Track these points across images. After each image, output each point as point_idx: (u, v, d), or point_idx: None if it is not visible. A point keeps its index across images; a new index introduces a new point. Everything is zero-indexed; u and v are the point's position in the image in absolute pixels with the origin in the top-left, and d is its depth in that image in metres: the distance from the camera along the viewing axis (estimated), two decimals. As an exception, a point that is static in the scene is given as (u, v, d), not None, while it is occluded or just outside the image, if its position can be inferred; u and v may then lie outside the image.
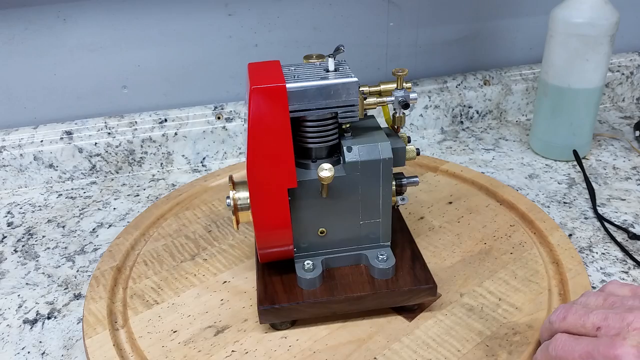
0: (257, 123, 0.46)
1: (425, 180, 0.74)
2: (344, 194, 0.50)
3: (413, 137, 0.89)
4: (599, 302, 0.42)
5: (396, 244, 0.56)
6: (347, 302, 0.51)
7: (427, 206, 0.69)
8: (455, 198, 0.70)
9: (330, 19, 0.85)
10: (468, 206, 0.68)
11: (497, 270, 0.58)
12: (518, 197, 0.69)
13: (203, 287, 0.58)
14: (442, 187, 0.73)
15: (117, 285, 0.58)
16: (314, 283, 0.52)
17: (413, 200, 0.70)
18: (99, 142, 0.80)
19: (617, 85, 0.98)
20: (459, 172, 0.75)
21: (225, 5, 0.81)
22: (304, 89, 0.47)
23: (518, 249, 0.60)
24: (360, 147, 0.50)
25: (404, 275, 0.52)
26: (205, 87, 0.85)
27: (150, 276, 0.59)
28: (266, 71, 0.49)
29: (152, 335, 0.52)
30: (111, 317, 0.54)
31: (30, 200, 0.77)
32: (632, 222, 0.66)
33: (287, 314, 0.51)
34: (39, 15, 0.76)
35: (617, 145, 0.84)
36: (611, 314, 0.39)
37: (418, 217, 0.67)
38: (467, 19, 0.91)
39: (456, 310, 0.53)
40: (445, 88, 0.90)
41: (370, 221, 0.52)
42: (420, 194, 0.71)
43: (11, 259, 0.65)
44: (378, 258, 0.53)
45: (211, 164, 0.84)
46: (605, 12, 0.71)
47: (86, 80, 0.81)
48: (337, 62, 0.51)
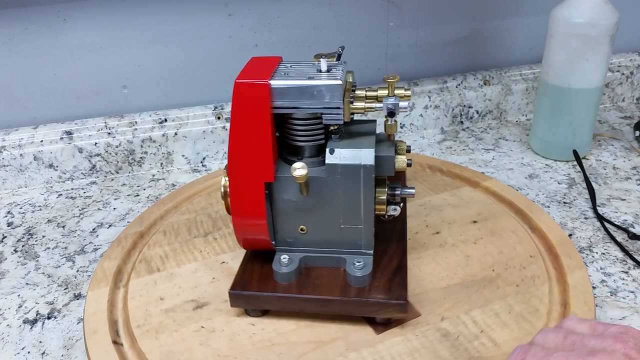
0: (238, 116, 0.48)
1: (459, 194, 0.71)
2: (325, 195, 0.50)
3: (413, 137, 0.89)
4: (558, 340, 0.39)
5: (385, 253, 0.55)
6: (314, 303, 0.51)
7: (449, 222, 0.65)
8: (482, 218, 0.66)
9: (330, 19, 0.85)
10: (493, 228, 0.64)
11: (493, 300, 0.53)
12: (552, 227, 0.63)
13: (203, 263, 0.61)
14: (473, 204, 0.69)
15: (135, 248, 0.64)
16: (287, 277, 0.52)
17: (436, 214, 0.67)
18: (99, 142, 0.80)
19: (617, 85, 0.98)
20: (499, 191, 0.70)
21: (225, 5, 0.81)
22: (287, 87, 0.47)
23: (527, 283, 0.55)
24: (343, 150, 0.49)
25: (379, 286, 0.51)
26: (205, 87, 0.85)
27: (163, 245, 0.64)
28: (259, 66, 0.50)
29: (142, 299, 0.56)
30: (118, 276, 0.59)
31: (30, 200, 0.77)
32: (632, 222, 0.66)
33: (255, 303, 0.52)
34: (39, 15, 0.76)
35: (617, 145, 0.84)
36: (573, 357, 0.36)
37: (434, 232, 0.64)
38: (467, 19, 0.91)
39: (430, 334, 0.50)
40: (445, 88, 0.90)
41: (352, 227, 0.52)
42: (447, 208, 0.68)
43: (11, 259, 0.65)
44: (355, 265, 0.52)
45: (211, 164, 0.84)
46: (605, 12, 0.71)
47: (86, 80, 0.81)
48: (335, 63, 0.50)
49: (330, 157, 0.49)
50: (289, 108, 0.48)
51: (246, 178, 0.49)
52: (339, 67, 0.50)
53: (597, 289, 0.56)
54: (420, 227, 0.65)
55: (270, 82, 0.47)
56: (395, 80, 0.49)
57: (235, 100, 0.47)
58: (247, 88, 0.47)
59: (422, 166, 0.78)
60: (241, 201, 0.50)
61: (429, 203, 0.69)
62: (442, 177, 0.75)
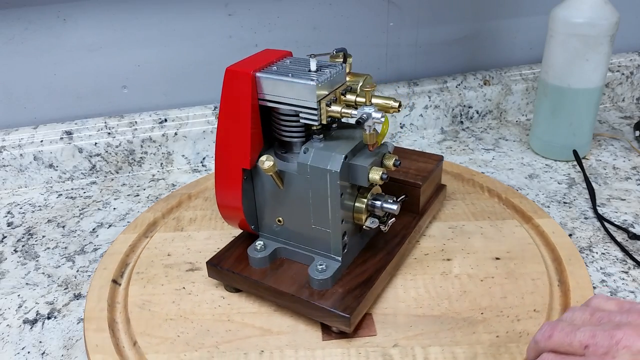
0: (225, 102, 0.50)
1: (500, 227, 0.64)
2: (298, 192, 0.51)
3: (413, 137, 0.89)
4: (585, 317, 0.40)
5: (364, 264, 0.54)
6: (271, 293, 0.52)
7: (468, 251, 0.60)
8: (509, 256, 0.59)
9: (330, 19, 0.85)
10: (513, 270, 0.57)
11: (460, 343, 0.49)
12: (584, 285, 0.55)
13: (218, 233, 0.65)
14: (509, 240, 0.62)
15: (179, 207, 0.71)
16: (259, 263, 0.54)
17: (461, 240, 0.62)
18: (99, 142, 0.80)
19: (617, 85, 0.98)
20: (548, 232, 0.62)
21: (225, 5, 0.81)
22: (268, 79, 0.48)
23: (510, 337, 0.49)
24: (316, 151, 0.49)
25: (334, 293, 0.50)
26: (205, 87, 0.85)
27: (198, 209, 0.70)
28: (261, 57, 0.51)
29: (155, 251, 0.63)
30: (152, 226, 0.67)
31: (30, 200, 0.77)
32: (632, 222, 0.66)
33: (226, 279, 0.55)
34: (39, 15, 0.76)
35: (617, 145, 0.84)
36: (599, 331, 0.37)
37: (445, 258, 0.59)
38: (467, 19, 0.91)
39: (373, 356, 0.48)
40: (445, 88, 0.90)
41: (321, 228, 0.52)
42: (476, 237, 0.62)
43: (11, 259, 0.65)
44: (317, 267, 0.52)
45: (211, 164, 0.84)
46: (605, 12, 0.71)
47: (86, 80, 0.81)
48: (329, 64, 0.50)
49: (303, 156, 0.50)
50: (272, 102, 0.50)
51: (227, 162, 0.52)
52: (330, 69, 0.49)
53: (597, 289, 0.56)
54: (434, 249, 0.61)
55: (256, 74, 0.49)
56: (371, 89, 0.48)
57: (224, 86, 0.50)
58: (233, 76, 0.49)
59: (481, 188, 0.72)
60: (222, 184, 0.53)
61: (461, 228, 0.64)
62: (495, 203, 0.69)
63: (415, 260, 0.59)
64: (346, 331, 0.49)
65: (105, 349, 0.50)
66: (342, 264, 0.53)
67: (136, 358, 0.50)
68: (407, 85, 0.90)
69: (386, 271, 0.54)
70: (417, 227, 0.60)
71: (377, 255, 0.55)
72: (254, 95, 0.49)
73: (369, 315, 0.52)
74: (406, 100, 0.88)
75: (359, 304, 0.49)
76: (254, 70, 0.49)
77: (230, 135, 0.51)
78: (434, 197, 0.64)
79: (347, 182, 0.50)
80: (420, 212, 0.61)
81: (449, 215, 0.66)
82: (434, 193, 0.65)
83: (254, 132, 0.50)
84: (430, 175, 0.62)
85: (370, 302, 0.52)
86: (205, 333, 0.51)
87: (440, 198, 0.66)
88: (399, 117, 0.89)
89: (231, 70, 0.49)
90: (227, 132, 0.51)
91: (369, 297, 0.51)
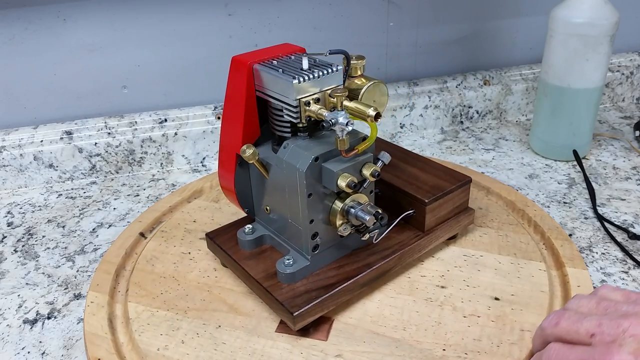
0: (228, 89, 0.53)
1: (522, 267, 0.57)
2: (279, 184, 0.52)
3: (413, 137, 0.89)
4: (591, 306, 0.40)
5: (340, 268, 0.53)
6: (243, 274, 0.55)
7: (470, 284, 0.56)
8: (510, 300, 0.53)
9: (330, 19, 0.85)
10: (506, 316, 0.52)
11: None
12: None
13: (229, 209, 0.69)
14: (522, 282, 0.55)
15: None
16: (244, 245, 0.57)
17: (469, 272, 0.57)
18: (99, 142, 0.80)
19: (617, 85, 0.98)
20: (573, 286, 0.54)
21: (225, 5, 0.81)
22: (261, 71, 0.50)
23: None
24: (294, 148, 0.50)
25: (292, 290, 0.51)
26: (205, 87, 0.85)
27: None
28: (270, 50, 0.53)
29: (185, 216, 0.69)
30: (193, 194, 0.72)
31: (30, 200, 0.77)
32: (632, 222, 0.66)
33: (216, 252, 0.59)
34: (39, 15, 0.76)
35: (617, 145, 0.84)
36: (606, 320, 0.37)
37: (441, 285, 0.56)
38: (467, 19, 0.91)
39: (313, 359, 0.48)
40: (445, 88, 0.90)
41: (295, 225, 0.52)
42: (488, 272, 0.57)
43: (11, 259, 0.65)
44: (285, 260, 0.52)
45: (211, 164, 0.84)
46: (605, 12, 0.71)
47: (86, 80, 0.81)
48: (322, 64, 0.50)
49: (282, 150, 0.50)
50: (264, 94, 0.51)
51: (225, 146, 0.55)
52: (321, 70, 0.49)
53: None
54: (435, 273, 0.57)
55: (254, 65, 0.50)
56: (341, 95, 0.47)
57: (229, 74, 0.52)
58: (235, 65, 0.51)
59: (528, 221, 0.65)
60: (221, 166, 0.57)
61: (477, 258, 0.59)
62: (532, 240, 0.61)
63: (408, 280, 0.56)
64: (291, 328, 0.49)
65: (102, 288, 0.56)
66: (312, 263, 0.53)
67: (121, 303, 0.55)
68: (407, 85, 0.90)
69: (357, 282, 0.52)
70: (417, 245, 0.57)
71: (355, 264, 0.54)
72: (250, 85, 0.51)
73: (329, 320, 0.52)
74: (406, 100, 0.88)
75: (309, 305, 0.49)
76: (254, 61, 0.50)
77: (229, 121, 0.53)
78: (451, 219, 0.59)
79: (319, 183, 0.50)
80: (426, 231, 0.58)
81: (471, 242, 0.61)
82: (451, 214, 0.60)
83: (248, 120, 0.52)
84: (445, 194, 0.57)
85: (327, 307, 0.51)
86: (184, 297, 0.56)
87: (463, 221, 0.61)
88: (399, 117, 0.89)
89: (234, 59, 0.51)
90: (227, 119, 0.54)
91: (325, 302, 0.50)
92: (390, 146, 0.68)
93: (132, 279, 0.58)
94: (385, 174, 0.61)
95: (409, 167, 0.63)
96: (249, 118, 0.52)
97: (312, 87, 0.48)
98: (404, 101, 0.88)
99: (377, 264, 0.54)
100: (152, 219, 0.67)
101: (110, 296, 0.56)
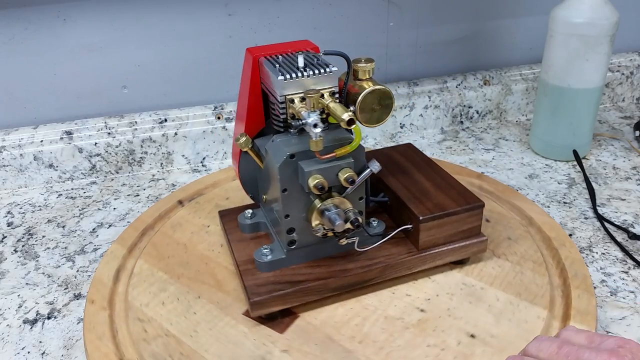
0: (241, 78, 0.55)
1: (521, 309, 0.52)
2: (269, 174, 0.53)
3: (413, 137, 0.89)
4: (552, 351, 0.38)
5: (315, 268, 0.54)
6: (231, 255, 0.58)
7: (451, 314, 0.52)
8: (486, 341, 0.50)
9: (330, 19, 0.85)
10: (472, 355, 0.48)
11: None
12: None
13: None
14: (511, 326, 0.51)
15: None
16: (242, 228, 0.59)
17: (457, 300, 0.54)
18: (99, 142, 0.80)
19: (617, 85, 0.98)
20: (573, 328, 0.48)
21: (225, 5, 0.81)
22: (262, 65, 0.51)
23: None
24: (279, 142, 0.51)
25: (262, 278, 0.53)
26: (205, 87, 0.85)
27: None
28: (284, 45, 0.55)
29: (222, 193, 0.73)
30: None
31: (30, 200, 0.77)
32: (632, 222, 0.66)
33: (222, 230, 0.62)
34: (39, 15, 0.76)
35: (617, 145, 0.84)
36: None
37: (420, 307, 0.53)
38: (467, 19, 0.91)
39: (262, 348, 0.50)
40: (445, 88, 0.90)
41: (278, 216, 0.53)
42: (477, 306, 0.53)
43: (11, 259, 0.65)
44: (262, 249, 0.54)
45: (211, 164, 0.84)
46: (605, 12, 0.71)
47: (86, 80, 0.81)
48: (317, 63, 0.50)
49: (269, 144, 0.52)
50: (265, 87, 0.53)
51: (235, 133, 0.57)
52: (313, 70, 0.49)
53: (597, 289, 0.56)
54: (421, 294, 0.55)
55: (259, 58, 0.52)
56: (314, 96, 0.47)
57: (243, 64, 0.54)
58: (246, 55, 0.53)
59: (557, 264, 0.58)
60: (232, 151, 0.60)
61: (475, 290, 0.55)
62: (549, 284, 0.55)
63: (391, 295, 0.55)
64: (250, 314, 0.51)
65: (124, 242, 0.63)
66: (287, 258, 0.54)
67: (135, 258, 0.61)
68: (407, 85, 0.90)
69: (326, 284, 0.52)
70: (405, 262, 0.55)
71: (332, 267, 0.54)
72: (255, 76, 0.52)
73: (294, 316, 0.53)
74: (406, 100, 0.88)
75: (269, 296, 0.51)
76: (263, 54, 0.52)
77: (239, 110, 0.56)
78: (455, 243, 0.56)
79: (295, 180, 0.50)
80: (420, 250, 0.55)
81: (478, 271, 0.57)
82: (456, 238, 0.56)
83: (252, 110, 0.54)
84: (446, 215, 0.55)
85: (290, 302, 0.52)
86: (184, 264, 0.60)
87: (471, 248, 0.57)
88: (399, 117, 0.89)
89: (247, 50, 0.54)
90: (238, 107, 0.57)
91: (288, 296, 0.51)
92: (422, 158, 0.65)
93: (153, 239, 0.64)
94: (397, 183, 0.60)
95: (425, 180, 0.60)
96: (253, 108, 0.54)
97: (299, 85, 0.48)
98: (404, 101, 0.88)
99: (354, 272, 0.53)
100: (194, 190, 0.73)
101: (129, 251, 0.62)
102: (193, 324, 0.52)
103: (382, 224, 0.58)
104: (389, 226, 0.58)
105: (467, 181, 0.72)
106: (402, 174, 0.62)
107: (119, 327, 0.53)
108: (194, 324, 0.52)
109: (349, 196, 0.52)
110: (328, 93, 0.50)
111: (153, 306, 0.55)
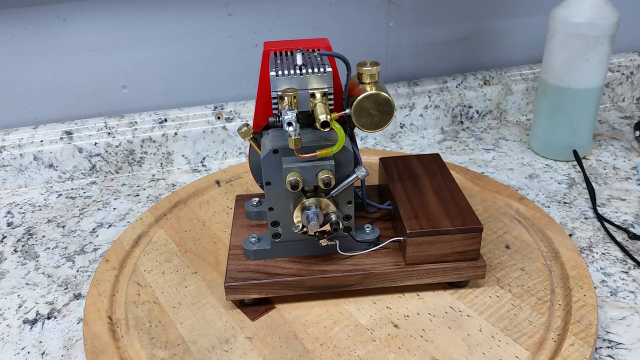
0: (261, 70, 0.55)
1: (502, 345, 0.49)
2: None
3: (413, 137, 0.89)
4: None
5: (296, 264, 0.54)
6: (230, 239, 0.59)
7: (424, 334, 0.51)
8: None
9: (330, 19, 0.85)
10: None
11: None
12: None
13: None
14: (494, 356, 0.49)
15: None
16: (249, 215, 0.61)
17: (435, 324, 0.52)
18: (99, 142, 0.80)
19: (617, 85, 0.98)
20: None
21: (225, 5, 0.81)
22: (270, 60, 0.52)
23: None
24: (270, 136, 0.52)
25: (244, 265, 0.55)
26: (205, 87, 0.85)
27: None
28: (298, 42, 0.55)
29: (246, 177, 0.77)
30: None
31: (30, 200, 0.77)
32: (632, 222, 0.66)
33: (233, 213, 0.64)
34: (39, 15, 0.76)
35: (617, 145, 0.84)
36: None
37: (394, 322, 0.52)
38: (468, 19, 0.91)
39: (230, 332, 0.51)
40: (445, 88, 0.90)
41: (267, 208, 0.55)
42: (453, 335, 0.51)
43: (11, 259, 0.65)
44: (250, 238, 0.56)
45: (211, 164, 0.84)
46: (605, 12, 0.71)
47: (86, 80, 0.81)
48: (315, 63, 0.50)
49: (263, 137, 0.53)
50: None
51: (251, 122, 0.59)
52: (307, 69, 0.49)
53: (597, 289, 0.56)
54: (402, 310, 0.54)
55: (269, 53, 0.53)
56: (291, 94, 0.47)
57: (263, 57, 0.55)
58: (265, 49, 0.54)
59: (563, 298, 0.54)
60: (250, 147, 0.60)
61: (460, 317, 0.53)
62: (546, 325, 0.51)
63: (371, 305, 0.54)
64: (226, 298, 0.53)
65: (155, 212, 0.68)
66: (272, 249, 0.55)
67: (158, 227, 0.66)
68: (407, 85, 0.90)
69: (302, 282, 0.53)
70: (388, 274, 0.54)
71: (312, 266, 0.54)
72: (264, 70, 0.53)
73: (271, 307, 0.54)
74: (406, 100, 0.88)
75: (243, 283, 0.52)
76: (274, 49, 0.53)
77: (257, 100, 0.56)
78: (448, 264, 0.54)
79: (278, 174, 0.51)
80: (407, 264, 0.54)
81: (471, 298, 0.55)
82: (449, 258, 0.54)
83: (260, 102, 0.54)
84: (437, 233, 0.53)
85: (265, 293, 0.53)
86: (195, 240, 0.64)
87: (466, 272, 0.54)
88: (399, 117, 0.89)
89: (264, 43, 0.55)
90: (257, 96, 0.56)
91: (262, 287, 0.53)
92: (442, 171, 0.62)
93: (179, 213, 0.69)
94: (402, 193, 0.58)
95: (432, 194, 0.58)
96: (264, 99, 0.54)
97: (292, 83, 0.49)
98: (404, 101, 0.88)
99: (332, 274, 0.53)
100: (234, 173, 0.77)
101: (156, 220, 0.67)
102: (180, 296, 0.56)
103: (377, 231, 0.57)
104: (387, 235, 0.57)
105: (505, 202, 0.68)
106: (412, 184, 0.60)
107: (121, 287, 0.57)
108: (181, 297, 0.56)
109: (337, 199, 0.52)
110: (320, 93, 0.49)
111: (154, 274, 0.59)
